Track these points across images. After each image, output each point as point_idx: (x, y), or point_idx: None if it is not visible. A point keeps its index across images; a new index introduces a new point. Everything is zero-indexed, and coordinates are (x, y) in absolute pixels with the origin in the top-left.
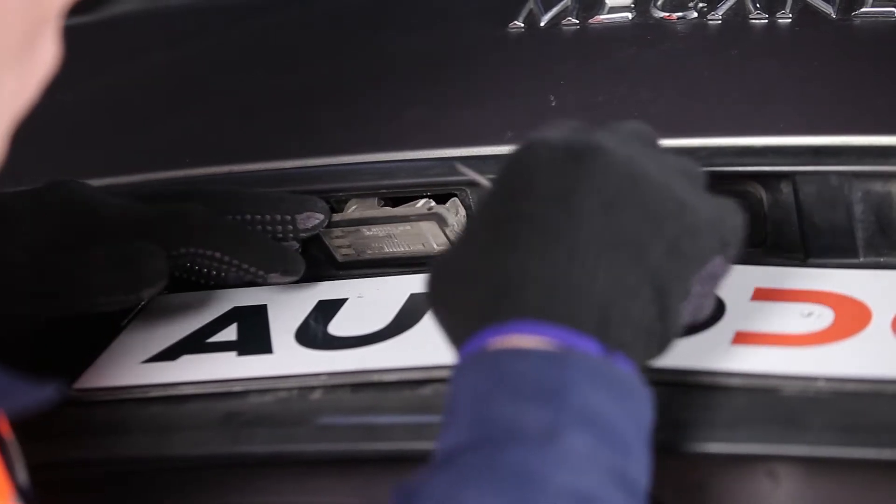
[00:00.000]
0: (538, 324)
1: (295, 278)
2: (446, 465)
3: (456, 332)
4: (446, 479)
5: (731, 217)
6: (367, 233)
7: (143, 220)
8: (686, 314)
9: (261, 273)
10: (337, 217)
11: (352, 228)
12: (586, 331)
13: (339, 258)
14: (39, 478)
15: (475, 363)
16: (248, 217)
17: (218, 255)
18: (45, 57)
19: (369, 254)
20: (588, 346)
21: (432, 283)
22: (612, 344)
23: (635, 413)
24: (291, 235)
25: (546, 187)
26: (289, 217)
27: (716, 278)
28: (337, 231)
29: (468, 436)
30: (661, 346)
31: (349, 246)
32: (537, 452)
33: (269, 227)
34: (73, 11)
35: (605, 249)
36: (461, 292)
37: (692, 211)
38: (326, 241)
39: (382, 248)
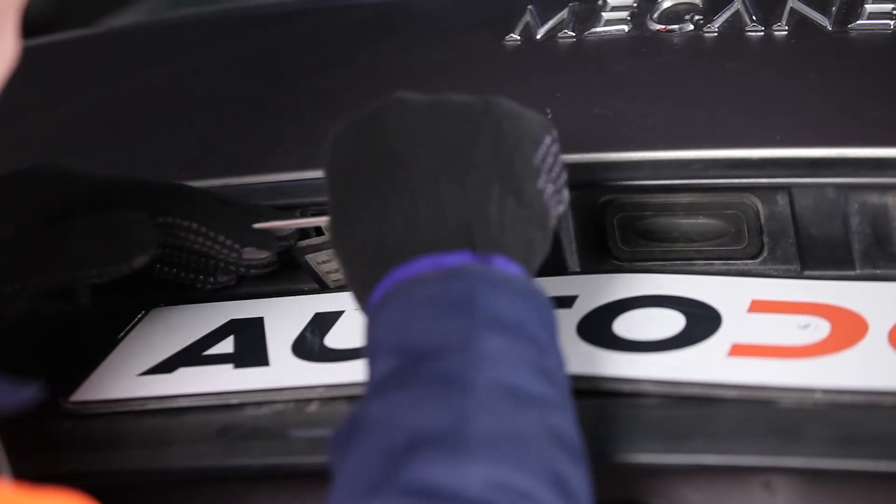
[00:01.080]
0: (414, 262)
1: (268, 254)
2: (376, 394)
3: (360, 299)
4: (380, 404)
5: (529, 109)
6: None
7: (123, 191)
8: (550, 198)
9: (237, 247)
10: (320, 240)
11: None
12: (454, 247)
13: (331, 284)
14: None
15: (383, 306)
16: (195, 226)
17: (195, 226)
18: (3, 51)
19: None
20: (458, 259)
21: (335, 244)
22: (484, 249)
23: (539, 311)
24: (233, 261)
25: (361, 154)
26: (237, 246)
27: (556, 157)
28: (323, 255)
29: (392, 363)
30: (539, 226)
31: (337, 270)
32: (459, 359)
33: (212, 244)
34: (72, 25)
35: (440, 168)
36: (347, 274)
37: (497, 103)
38: (314, 268)
39: None
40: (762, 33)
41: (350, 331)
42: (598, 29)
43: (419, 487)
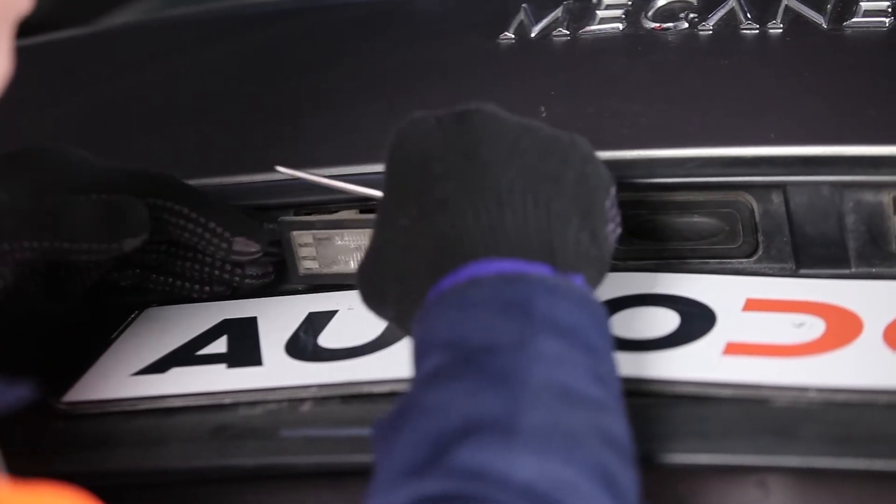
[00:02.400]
0: (489, 261)
1: (258, 247)
2: (428, 384)
3: (406, 300)
4: (433, 392)
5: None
6: (339, 242)
7: (117, 175)
8: (611, 238)
9: (227, 235)
10: (313, 218)
11: (324, 236)
12: (536, 259)
13: (300, 271)
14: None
15: (437, 304)
16: (185, 211)
17: (185, 210)
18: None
19: (335, 269)
20: (541, 270)
21: (363, 272)
22: (562, 267)
23: (596, 319)
24: (222, 253)
25: (448, 148)
26: (227, 234)
27: (615, 204)
28: (307, 236)
29: (444, 357)
30: (601, 270)
31: (314, 258)
32: (515, 356)
33: (202, 231)
34: (69, 24)
35: (528, 188)
36: (405, 263)
37: (582, 144)
38: (293, 247)
39: (349, 262)
40: (757, 31)
41: (343, 330)
42: (592, 27)
43: (469, 470)
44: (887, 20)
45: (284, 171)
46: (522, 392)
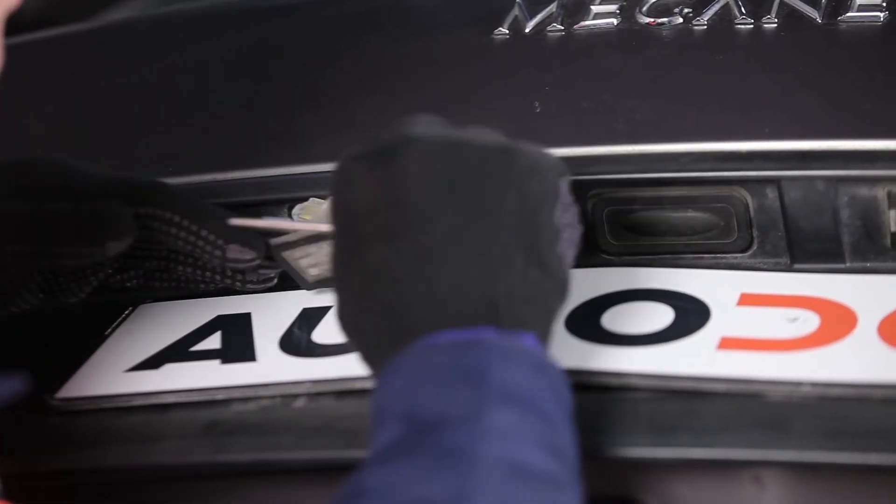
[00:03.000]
0: (436, 335)
1: (254, 254)
2: (383, 461)
3: (370, 361)
4: (382, 473)
5: (544, 151)
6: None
7: (107, 183)
8: (567, 251)
9: (219, 243)
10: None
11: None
12: (478, 322)
13: (310, 279)
14: (22, 487)
15: (393, 371)
16: (176, 219)
17: (177, 218)
18: None
19: None
20: (488, 334)
21: (340, 298)
22: (509, 325)
23: (553, 386)
24: (217, 261)
25: (378, 199)
26: (220, 242)
27: (570, 205)
28: (298, 251)
29: (397, 431)
30: (560, 296)
31: (315, 265)
32: (466, 431)
33: (194, 239)
34: (69, 18)
35: (464, 233)
36: (358, 331)
37: (521, 153)
38: (293, 265)
39: None
40: (751, 26)
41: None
42: (586, 22)
43: None
44: (882, 14)
45: (239, 223)
46: (472, 472)
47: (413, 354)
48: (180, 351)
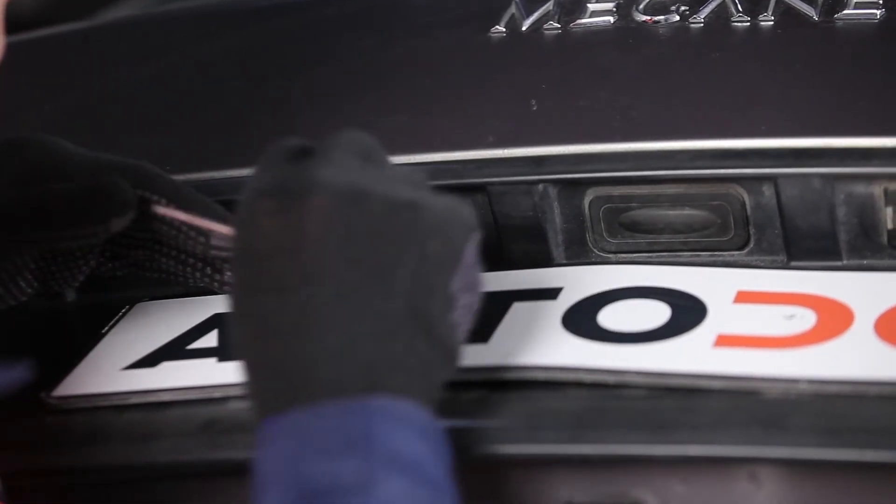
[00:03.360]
0: (314, 405)
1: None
2: None
3: (258, 414)
4: None
5: (463, 204)
6: None
7: (97, 163)
8: (462, 319)
9: (204, 229)
10: None
11: None
12: (357, 390)
13: None
14: (19, 485)
15: (277, 435)
16: (162, 202)
17: (163, 201)
18: None
19: None
20: (378, 400)
21: (238, 338)
22: (389, 392)
23: (437, 451)
24: (201, 247)
25: (274, 246)
26: (202, 227)
27: (473, 266)
28: None
29: (286, 499)
30: (447, 367)
31: None
32: (357, 502)
33: (178, 227)
34: (68, 17)
35: (355, 298)
36: (247, 379)
37: (428, 209)
38: None
39: None
40: (748, 24)
41: None
42: (583, 20)
43: None
44: (878, 12)
45: (165, 212)
46: None
47: (297, 417)
48: (177, 349)
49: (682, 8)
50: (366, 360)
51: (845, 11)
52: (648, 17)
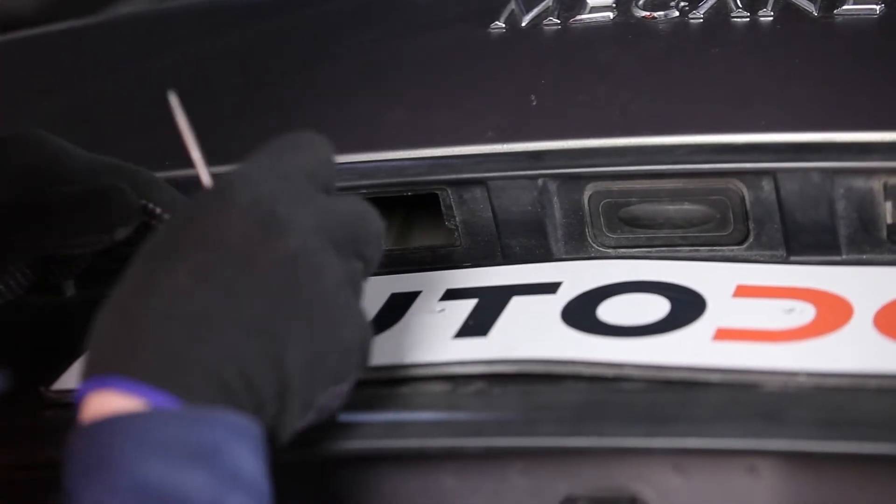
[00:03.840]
0: (155, 389)
1: None
2: None
3: (88, 364)
4: None
5: (369, 337)
6: None
7: (100, 167)
8: (305, 420)
9: None
10: None
11: None
12: (214, 401)
13: None
14: (18, 478)
15: (114, 430)
16: (157, 211)
17: (158, 211)
18: None
19: None
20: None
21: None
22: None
23: (266, 470)
24: None
25: (237, 241)
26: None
27: (340, 396)
28: None
29: (127, 499)
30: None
31: None
32: None
33: None
34: (77, 12)
35: (244, 333)
36: (108, 328)
37: (352, 327)
38: None
39: None
40: (747, 19)
41: None
42: (583, 16)
43: None
44: (878, 7)
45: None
46: None
47: (136, 419)
48: None
49: (682, 4)
50: (221, 381)
51: (845, 7)
52: (648, 13)
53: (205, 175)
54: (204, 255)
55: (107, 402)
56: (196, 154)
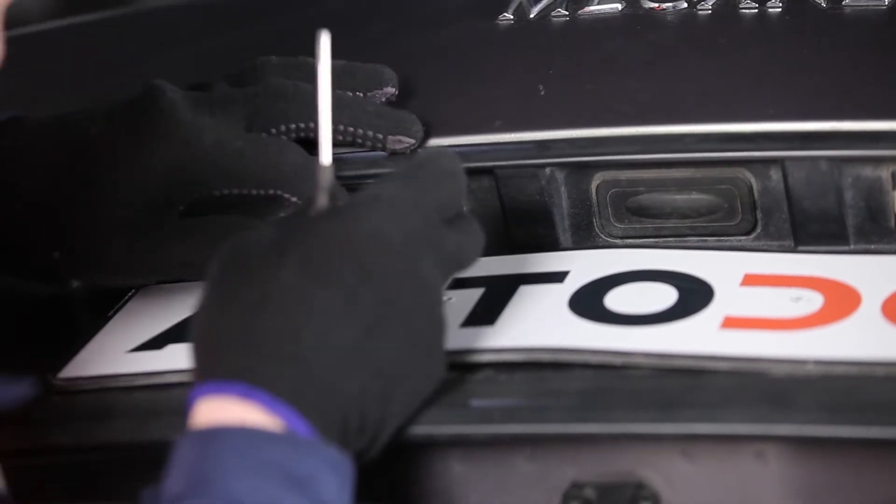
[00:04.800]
0: (297, 415)
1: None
2: None
3: (202, 366)
4: None
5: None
6: None
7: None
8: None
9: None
10: None
11: None
12: (330, 435)
13: None
14: (24, 464)
15: (221, 437)
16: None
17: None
18: None
19: None
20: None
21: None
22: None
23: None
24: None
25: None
26: (380, 135)
27: None
28: None
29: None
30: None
31: None
32: None
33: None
34: (102, 5)
35: (373, 376)
36: (232, 328)
37: (442, 373)
38: None
39: None
40: (756, 10)
41: None
42: (591, 8)
43: None
44: None
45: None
46: None
47: (246, 437)
48: (183, 331)
49: None
50: (346, 406)
51: None
52: (657, 4)
53: (326, 152)
54: (357, 284)
55: (222, 410)
56: (326, 122)
